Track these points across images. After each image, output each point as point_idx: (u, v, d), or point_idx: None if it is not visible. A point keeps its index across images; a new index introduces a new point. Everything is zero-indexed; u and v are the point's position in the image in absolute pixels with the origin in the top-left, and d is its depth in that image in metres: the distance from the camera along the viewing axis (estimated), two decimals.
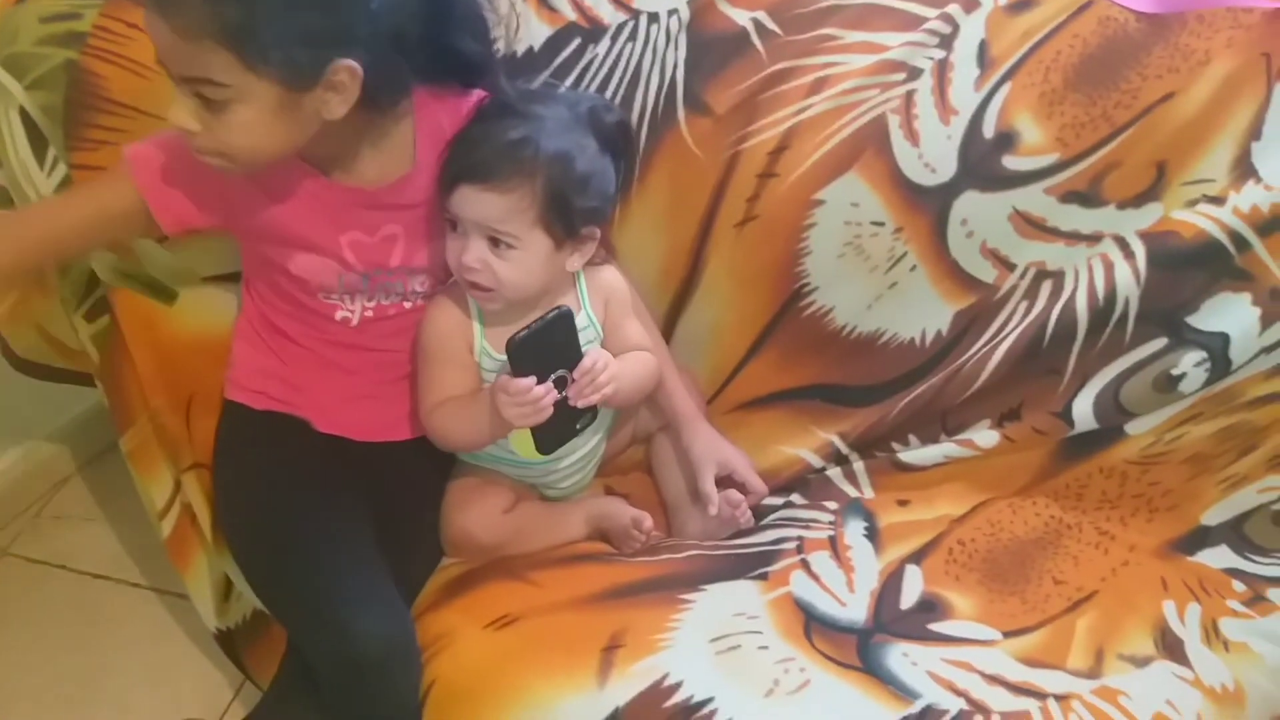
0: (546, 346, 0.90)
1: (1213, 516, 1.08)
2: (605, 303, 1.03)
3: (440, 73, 0.96)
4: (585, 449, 1.07)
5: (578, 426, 0.96)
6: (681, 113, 1.09)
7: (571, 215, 0.93)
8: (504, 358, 0.92)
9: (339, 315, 1.00)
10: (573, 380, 0.92)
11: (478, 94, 1.00)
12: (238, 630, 1.09)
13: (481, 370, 0.99)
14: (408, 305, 1.01)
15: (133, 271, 1.04)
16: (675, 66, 1.09)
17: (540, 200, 0.91)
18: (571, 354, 0.92)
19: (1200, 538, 1.08)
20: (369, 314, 1.00)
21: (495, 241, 0.92)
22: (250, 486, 1.00)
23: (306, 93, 0.82)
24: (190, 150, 0.85)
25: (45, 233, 0.93)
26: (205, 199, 0.93)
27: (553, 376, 0.91)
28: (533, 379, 0.89)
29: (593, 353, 0.94)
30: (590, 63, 1.09)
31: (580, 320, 0.99)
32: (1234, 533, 1.08)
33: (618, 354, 1.01)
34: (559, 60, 1.09)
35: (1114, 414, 1.07)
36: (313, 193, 0.94)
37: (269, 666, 1.05)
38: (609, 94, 1.08)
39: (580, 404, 0.93)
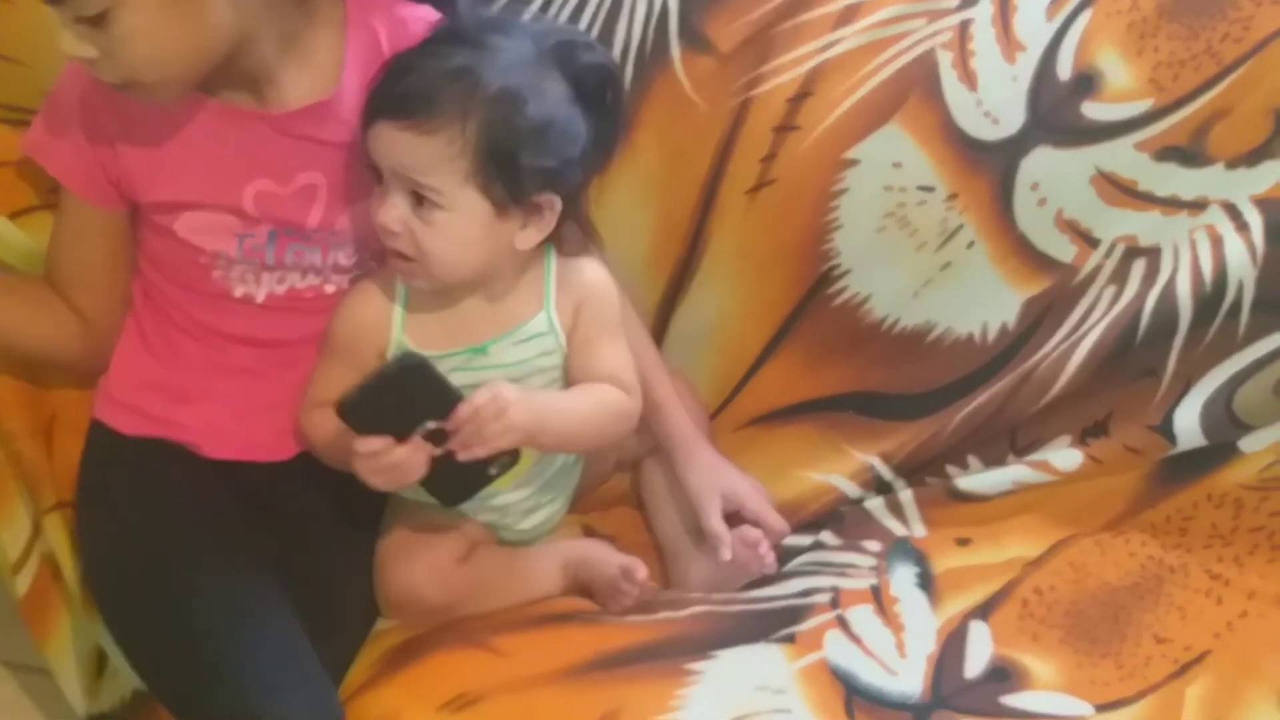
0: (398, 403, 0.80)
1: None
2: (577, 307, 0.90)
3: None
4: (545, 477, 0.95)
5: (491, 473, 0.84)
6: (676, 49, 1.00)
7: (518, 173, 0.81)
8: (437, 354, 0.83)
9: (239, 292, 0.89)
10: (451, 432, 0.80)
11: (430, 14, 0.90)
12: (115, 715, 0.98)
13: None
14: (329, 289, 0.90)
15: None
16: None
17: (475, 149, 0.79)
18: (442, 402, 0.80)
19: None
20: (280, 292, 0.89)
21: (419, 199, 0.81)
22: (121, 534, 0.89)
23: None
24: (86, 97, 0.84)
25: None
26: (101, 159, 0.86)
27: (419, 432, 0.80)
28: (386, 440, 0.79)
29: (480, 395, 0.80)
30: None
31: (539, 324, 0.88)
32: None
33: (580, 378, 0.91)
34: None
35: (1226, 427, 1.00)
36: (210, 125, 0.85)
37: None
38: (583, 25, 0.98)
39: (465, 457, 0.80)
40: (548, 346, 0.89)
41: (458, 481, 0.84)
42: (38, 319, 0.89)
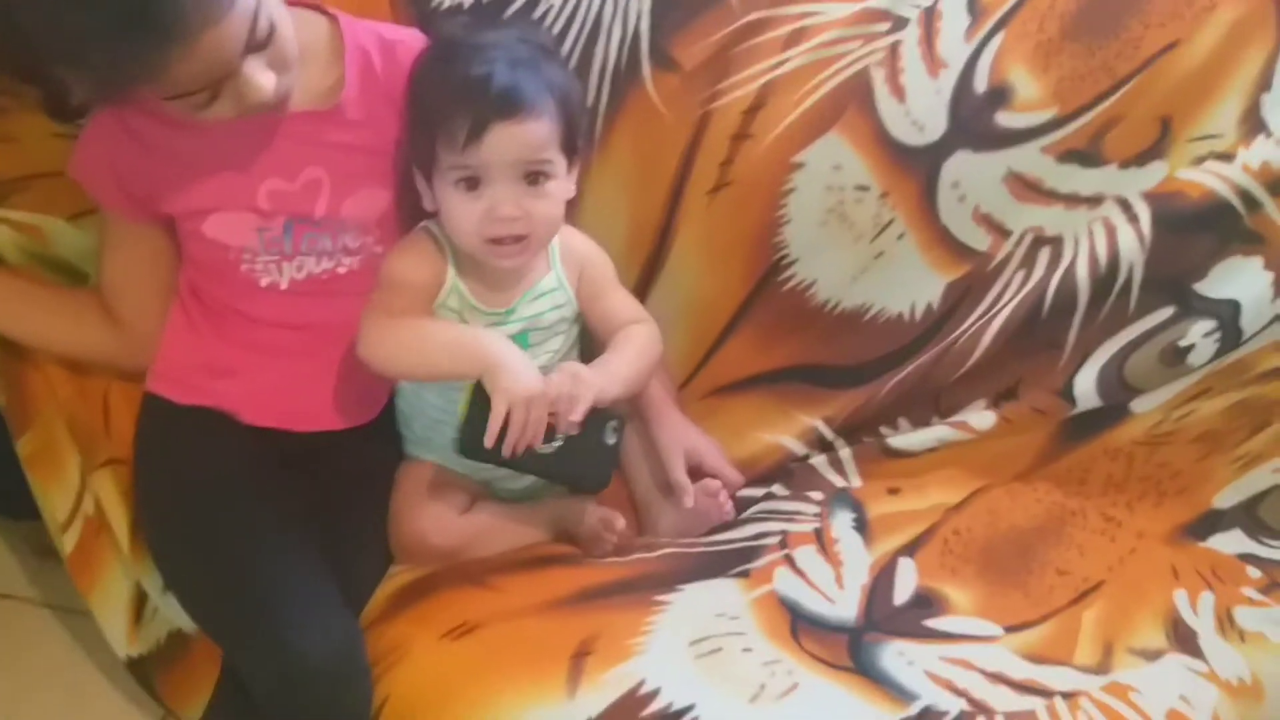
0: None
1: (1225, 499, 1.12)
2: (580, 270, 1.04)
3: None
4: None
5: (610, 442, 0.97)
6: (646, 68, 1.11)
7: (576, 128, 0.96)
8: (488, 311, 0.99)
9: (265, 282, 1.00)
10: (553, 415, 0.93)
11: (412, 36, 1.02)
12: (151, 656, 1.07)
13: (443, 310, 1.00)
14: (341, 270, 1.01)
15: (39, 251, 1.04)
16: (639, 17, 1.10)
17: (558, 117, 0.94)
18: None
19: (1212, 522, 1.11)
20: (299, 278, 1.01)
21: (532, 178, 0.93)
22: (174, 490, 1.00)
23: None
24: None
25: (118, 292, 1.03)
26: (135, 180, 0.97)
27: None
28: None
29: (552, 375, 0.94)
30: (545, 14, 1.08)
31: (550, 281, 1.02)
32: (1248, 516, 1.12)
33: (604, 331, 1.04)
34: (510, 10, 1.08)
35: (1118, 391, 1.10)
36: (225, 138, 0.95)
37: (187, 696, 1.05)
38: (566, 48, 1.09)
39: (572, 420, 0.93)
40: (559, 300, 1.02)
41: (590, 463, 0.96)
42: (76, 330, 1.02)
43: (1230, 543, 1.10)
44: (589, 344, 1.09)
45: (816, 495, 1.12)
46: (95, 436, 1.04)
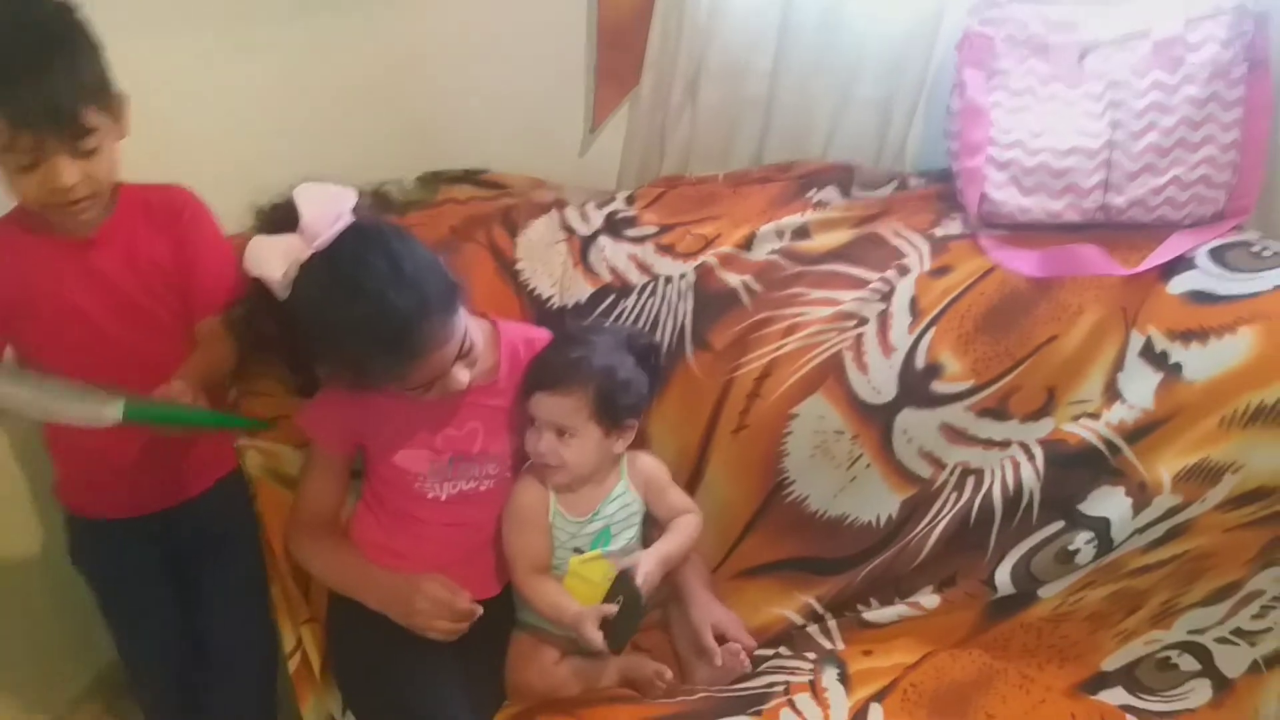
0: (624, 608, 1.27)
1: (1110, 663, 1.36)
2: (645, 483, 1.37)
3: None
4: None
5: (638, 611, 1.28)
6: (689, 349, 1.47)
7: (616, 411, 1.29)
8: (575, 519, 1.34)
9: (430, 495, 1.36)
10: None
11: (541, 334, 1.41)
12: None
13: (554, 530, 1.34)
14: (482, 488, 1.37)
15: (272, 468, 1.42)
16: (685, 315, 1.47)
17: (592, 401, 1.28)
18: (629, 584, 1.30)
19: (1101, 680, 1.36)
20: (454, 493, 1.35)
21: (561, 432, 1.29)
22: (359, 639, 1.35)
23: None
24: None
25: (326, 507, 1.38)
26: (350, 428, 1.35)
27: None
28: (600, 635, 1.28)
29: (638, 565, 1.30)
30: (621, 313, 1.48)
31: (620, 488, 1.36)
32: (1127, 676, 1.36)
33: (666, 518, 1.35)
34: (598, 311, 1.49)
35: (1027, 581, 1.36)
36: (423, 403, 1.30)
37: None
38: None
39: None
40: (627, 501, 1.35)
41: (621, 632, 1.26)
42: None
43: (1115, 697, 1.33)
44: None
45: (811, 655, 1.36)
46: (296, 603, 1.37)
